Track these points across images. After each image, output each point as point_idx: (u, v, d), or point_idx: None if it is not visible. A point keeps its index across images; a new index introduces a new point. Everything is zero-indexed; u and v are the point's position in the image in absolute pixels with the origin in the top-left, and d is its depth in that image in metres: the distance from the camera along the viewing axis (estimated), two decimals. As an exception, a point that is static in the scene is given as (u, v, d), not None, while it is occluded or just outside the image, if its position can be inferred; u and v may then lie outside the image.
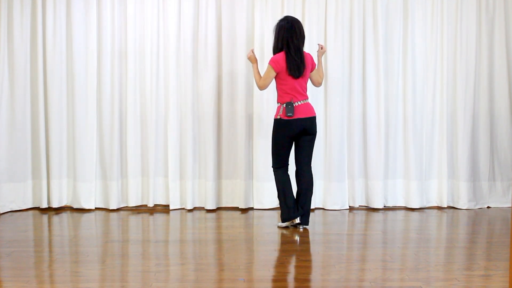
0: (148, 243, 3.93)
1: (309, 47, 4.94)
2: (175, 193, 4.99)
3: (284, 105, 4.18)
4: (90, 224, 4.55)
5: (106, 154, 4.99)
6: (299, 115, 4.17)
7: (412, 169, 5.03)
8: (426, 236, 4.14)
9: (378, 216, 4.80)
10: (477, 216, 4.84)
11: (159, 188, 5.07)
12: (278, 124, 4.22)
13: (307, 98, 4.26)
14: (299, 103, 4.18)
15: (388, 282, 3.05)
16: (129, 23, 4.94)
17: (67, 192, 5.05)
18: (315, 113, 4.28)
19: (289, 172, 4.36)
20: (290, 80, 4.17)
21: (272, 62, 4.18)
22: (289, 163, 4.36)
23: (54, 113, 4.94)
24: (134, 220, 4.64)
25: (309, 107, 4.25)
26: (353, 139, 5.02)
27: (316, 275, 3.20)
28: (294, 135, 4.21)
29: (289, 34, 4.17)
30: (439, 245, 3.91)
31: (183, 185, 4.99)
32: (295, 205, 4.26)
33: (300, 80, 4.20)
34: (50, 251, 3.76)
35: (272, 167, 4.35)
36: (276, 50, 4.25)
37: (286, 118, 4.16)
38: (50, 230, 4.45)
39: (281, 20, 4.28)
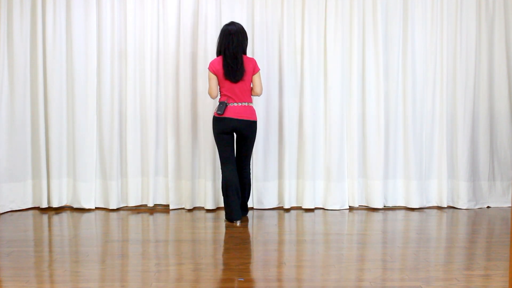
0: (148, 243, 3.93)
1: (308, 47, 4.95)
2: (175, 193, 4.99)
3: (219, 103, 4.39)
4: (90, 224, 4.55)
5: (106, 154, 4.99)
6: (230, 115, 4.34)
7: (412, 169, 5.03)
8: (426, 236, 4.14)
9: (378, 216, 4.80)
10: (477, 216, 4.84)
11: (159, 188, 5.07)
12: (213, 121, 4.43)
13: (248, 102, 4.40)
14: (235, 104, 4.36)
15: (388, 282, 3.06)
16: (128, 22, 4.94)
17: (67, 192, 5.05)
18: (252, 118, 4.40)
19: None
20: (228, 84, 4.36)
21: (209, 66, 4.39)
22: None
23: (54, 113, 4.94)
24: (134, 220, 4.64)
25: (246, 110, 4.38)
26: (353, 139, 5.01)
27: (316, 275, 3.20)
28: (226, 133, 4.38)
29: (226, 41, 4.36)
30: (439, 245, 3.91)
31: (183, 185, 4.99)
32: (238, 206, 4.44)
33: (240, 84, 4.35)
34: (50, 251, 3.76)
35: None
36: (217, 53, 4.44)
37: (216, 115, 4.34)
38: (50, 230, 4.44)
39: (225, 25, 4.46)
